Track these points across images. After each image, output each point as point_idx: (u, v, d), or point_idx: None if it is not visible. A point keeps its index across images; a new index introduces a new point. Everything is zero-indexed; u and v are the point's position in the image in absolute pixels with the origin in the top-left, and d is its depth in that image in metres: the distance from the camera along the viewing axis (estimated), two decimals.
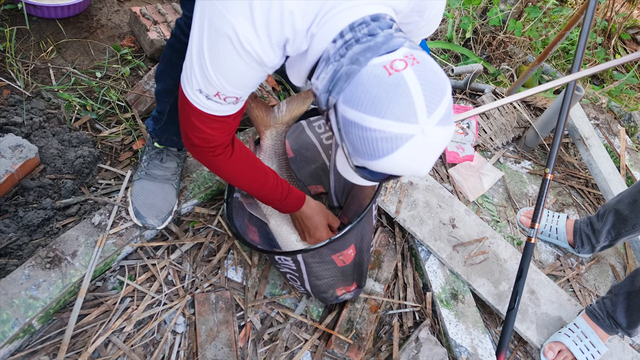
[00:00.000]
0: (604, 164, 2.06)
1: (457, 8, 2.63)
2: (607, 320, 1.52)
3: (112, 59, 1.92)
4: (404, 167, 0.82)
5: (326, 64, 0.84)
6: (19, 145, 1.45)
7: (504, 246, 1.73)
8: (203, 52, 0.85)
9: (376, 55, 0.78)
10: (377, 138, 0.78)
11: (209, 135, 1.00)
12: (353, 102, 0.78)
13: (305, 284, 1.36)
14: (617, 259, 1.97)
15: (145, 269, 1.44)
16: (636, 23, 3.42)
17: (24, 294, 1.23)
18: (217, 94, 0.91)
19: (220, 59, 0.84)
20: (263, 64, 0.86)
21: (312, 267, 1.29)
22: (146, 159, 1.47)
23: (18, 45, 1.82)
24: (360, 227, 1.27)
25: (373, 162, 0.82)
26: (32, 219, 1.41)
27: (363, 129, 0.78)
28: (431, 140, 0.79)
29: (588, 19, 1.56)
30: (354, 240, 1.28)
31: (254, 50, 0.82)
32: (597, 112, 2.51)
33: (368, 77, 0.77)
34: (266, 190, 1.21)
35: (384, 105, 0.76)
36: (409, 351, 1.43)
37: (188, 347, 1.33)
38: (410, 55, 0.79)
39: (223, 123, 0.99)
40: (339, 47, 0.82)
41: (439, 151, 0.83)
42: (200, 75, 0.88)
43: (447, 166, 2.02)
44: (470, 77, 2.26)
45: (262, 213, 1.41)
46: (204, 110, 0.94)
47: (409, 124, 0.76)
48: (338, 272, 1.33)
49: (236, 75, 0.88)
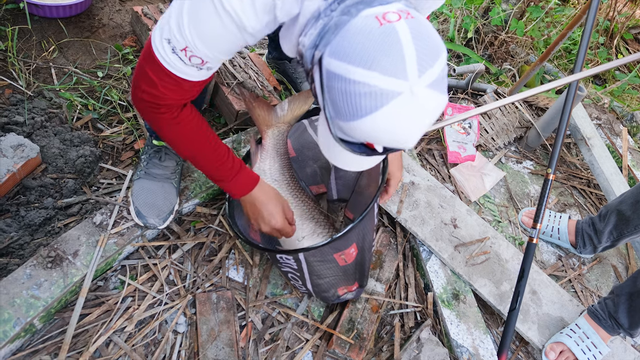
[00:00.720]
0: (606, 164, 2.05)
1: (459, 8, 2.62)
2: (608, 321, 1.52)
3: (114, 59, 1.92)
4: (388, 131, 0.75)
5: (316, 20, 0.80)
6: (20, 145, 1.45)
7: (505, 246, 1.72)
8: (184, 1, 0.82)
9: (369, 7, 0.74)
10: (361, 93, 0.71)
11: (160, 93, 0.95)
12: (339, 53, 0.73)
13: (307, 283, 1.36)
14: (619, 260, 1.97)
15: (146, 268, 1.44)
16: (639, 23, 3.41)
17: (25, 293, 1.23)
18: (184, 49, 0.86)
19: (200, 13, 0.81)
20: (243, 28, 0.82)
21: (313, 266, 1.28)
22: (145, 159, 1.47)
23: (20, 45, 1.82)
24: (362, 226, 1.26)
25: (355, 122, 0.75)
26: (34, 219, 1.41)
27: (347, 82, 0.72)
28: (420, 102, 0.72)
29: (590, 18, 1.56)
30: (356, 239, 1.28)
31: (235, 12, 0.79)
32: (600, 112, 2.51)
33: (357, 27, 0.72)
34: (211, 163, 1.13)
35: (372, 56, 0.70)
36: (410, 351, 1.42)
37: (189, 346, 1.33)
38: (405, 10, 0.74)
39: (177, 86, 0.93)
40: (330, 3, 0.78)
41: (427, 119, 0.76)
42: (175, 23, 0.84)
43: (448, 166, 2.02)
44: (472, 77, 2.26)
45: None
46: (163, 64, 0.89)
47: (396, 80, 0.70)
48: (340, 271, 1.32)
49: (210, 35, 0.84)
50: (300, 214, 1.41)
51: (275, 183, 1.41)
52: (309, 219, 1.42)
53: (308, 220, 1.42)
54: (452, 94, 2.32)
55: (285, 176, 1.43)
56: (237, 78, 1.84)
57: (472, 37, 2.68)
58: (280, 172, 1.42)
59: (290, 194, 1.43)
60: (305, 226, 1.40)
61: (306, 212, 1.42)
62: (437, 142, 2.10)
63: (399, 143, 0.78)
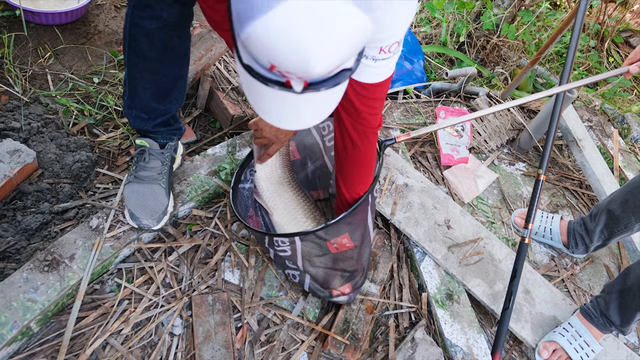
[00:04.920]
0: (597, 165, 2.08)
1: (451, 12, 2.66)
2: (600, 319, 1.54)
3: (110, 65, 1.94)
4: (283, 41, 0.65)
5: None
6: (17, 150, 1.47)
7: (498, 247, 1.74)
8: None
9: None
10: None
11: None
12: None
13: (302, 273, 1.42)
14: (611, 259, 1.99)
15: (142, 271, 1.45)
16: (629, 26, 3.45)
17: (22, 296, 1.24)
18: None
19: None
20: None
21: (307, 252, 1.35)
22: (134, 163, 1.49)
23: (16, 52, 1.83)
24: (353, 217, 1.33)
25: (249, 27, 0.66)
26: (30, 223, 1.42)
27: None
28: (323, 7, 0.63)
29: (578, 23, 1.59)
30: (348, 230, 1.34)
31: None
32: (591, 114, 2.54)
33: None
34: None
35: None
36: (405, 351, 1.44)
37: (185, 348, 1.34)
38: None
39: None
40: None
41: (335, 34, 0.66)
42: None
43: (442, 168, 2.04)
44: (465, 81, 2.29)
45: (267, 204, 1.51)
46: None
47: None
48: (330, 260, 1.38)
49: None
50: (301, 211, 1.51)
51: (279, 180, 1.52)
52: (308, 217, 1.51)
53: (305, 218, 1.50)
54: (445, 97, 2.35)
55: (286, 174, 1.54)
56: (232, 83, 1.86)
57: (465, 42, 2.72)
58: (282, 171, 1.53)
59: (292, 191, 1.53)
60: (302, 223, 1.48)
61: (307, 211, 1.52)
62: (431, 145, 2.12)
63: (299, 61, 0.68)
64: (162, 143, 1.49)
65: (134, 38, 1.24)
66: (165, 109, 1.43)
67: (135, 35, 1.24)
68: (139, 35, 1.23)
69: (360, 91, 1.14)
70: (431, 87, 2.37)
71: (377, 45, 1.00)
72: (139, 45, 1.25)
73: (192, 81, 1.77)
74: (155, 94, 1.37)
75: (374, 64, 1.05)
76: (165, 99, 1.40)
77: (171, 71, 1.36)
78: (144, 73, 1.32)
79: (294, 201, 1.53)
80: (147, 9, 1.18)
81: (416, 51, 2.42)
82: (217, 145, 1.71)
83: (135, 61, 1.30)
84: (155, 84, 1.35)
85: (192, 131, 1.82)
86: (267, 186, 1.53)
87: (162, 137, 1.49)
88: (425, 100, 2.28)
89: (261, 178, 1.53)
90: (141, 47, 1.25)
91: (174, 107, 1.44)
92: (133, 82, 1.35)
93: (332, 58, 0.69)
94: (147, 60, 1.28)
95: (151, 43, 1.25)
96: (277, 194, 1.53)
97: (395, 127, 2.06)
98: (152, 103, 1.39)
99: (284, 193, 1.54)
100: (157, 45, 1.25)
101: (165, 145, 1.49)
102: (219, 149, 1.71)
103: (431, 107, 2.24)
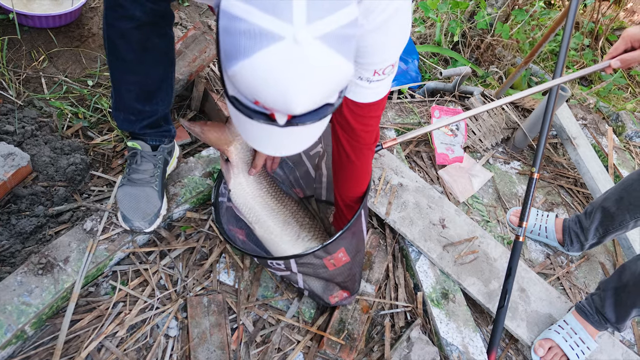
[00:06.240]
0: (591, 163, 2.09)
1: (445, 12, 2.66)
2: (596, 316, 1.54)
3: (104, 67, 1.94)
4: (267, 82, 0.68)
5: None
6: (11, 154, 1.47)
7: (493, 245, 1.75)
8: None
9: None
10: (241, 30, 0.65)
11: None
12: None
13: (300, 283, 1.39)
14: (607, 257, 1.99)
15: (137, 273, 1.45)
16: (623, 24, 3.46)
17: (16, 300, 1.24)
18: None
19: None
20: None
21: (303, 269, 1.31)
22: (127, 165, 1.49)
23: (10, 55, 1.83)
24: (350, 232, 1.29)
25: (235, 66, 0.68)
26: (25, 227, 1.42)
27: (229, 18, 0.67)
28: (304, 53, 0.65)
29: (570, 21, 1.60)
30: (344, 245, 1.31)
31: None
32: (585, 113, 2.54)
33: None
34: None
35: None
36: (401, 351, 1.44)
37: (181, 350, 1.34)
38: None
39: None
40: None
41: (314, 77, 0.68)
42: None
43: (437, 168, 2.05)
44: (459, 80, 2.29)
45: (248, 220, 1.44)
46: None
47: (278, 21, 0.64)
48: (329, 275, 1.35)
49: None
50: (283, 219, 1.43)
51: (256, 193, 1.43)
52: (292, 223, 1.44)
53: (292, 225, 1.44)
54: (440, 96, 2.36)
55: (263, 185, 1.44)
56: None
57: (459, 41, 2.72)
58: (257, 182, 1.43)
59: (273, 200, 1.45)
60: (289, 230, 1.43)
61: (289, 217, 1.45)
62: (425, 144, 2.13)
63: (281, 102, 0.70)
64: (154, 145, 1.48)
65: (110, 39, 1.23)
66: (151, 111, 1.40)
67: (111, 37, 1.22)
68: (114, 36, 1.22)
69: (355, 110, 1.14)
70: (426, 87, 2.38)
71: (371, 68, 1.02)
72: (116, 46, 1.23)
73: (187, 83, 1.77)
74: (139, 95, 1.35)
75: (369, 85, 1.06)
76: (151, 100, 1.38)
77: (153, 72, 1.33)
78: (125, 75, 1.31)
79: (274, 211, 1.44)
80: (118, 9, 1.16)
81: (410, 51, 2.43)
82: (212, 147, 1.71)
83: (115, 63, 1.29)
84: (138, 86, 1.33)
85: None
86: (245, 201, 1.43)
87: (152, 139, 1.48)
88: (420, 100, 2.29)
89: (236, 194, 1.42)
90: (118, 48, 1.23)
91: (160, 108, 1.42)
92: (117, 84, 1.34)
93: (313, 98, 0.72)
94: (126, 62, 1.27)
95: (128, 44, 1.22)
96: (259, 206, 1.43)
97: (389, 127, 2.06)
98: (137, 105, 1.37)
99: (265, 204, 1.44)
100: (134, 47, 1.23)
101: (157, 147, 1.49)
102: (213, 150, 1.71)
103: (426, 107, 2.24)
